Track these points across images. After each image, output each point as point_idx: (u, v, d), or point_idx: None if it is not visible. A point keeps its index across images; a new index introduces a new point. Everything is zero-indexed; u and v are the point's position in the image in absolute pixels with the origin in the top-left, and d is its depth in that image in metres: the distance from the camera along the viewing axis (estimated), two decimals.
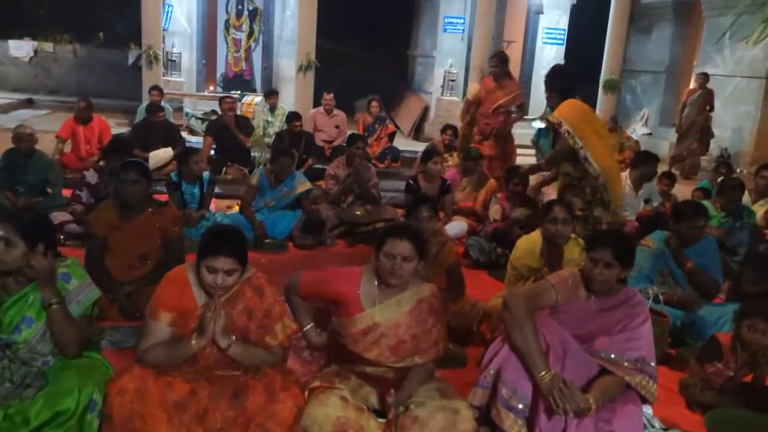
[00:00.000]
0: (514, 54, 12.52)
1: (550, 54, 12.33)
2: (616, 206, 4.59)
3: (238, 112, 9.83)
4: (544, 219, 3.79)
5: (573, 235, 3.89)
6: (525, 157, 8.30)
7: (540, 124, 9.82)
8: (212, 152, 7.73)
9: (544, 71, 11.80)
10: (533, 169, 5.27)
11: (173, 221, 3.89)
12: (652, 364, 2.71)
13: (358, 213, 6.00)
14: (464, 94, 11.93)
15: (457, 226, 5.83)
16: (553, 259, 3.76)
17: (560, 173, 4.59)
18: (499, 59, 6.98)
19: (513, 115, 6.96)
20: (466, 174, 6.32)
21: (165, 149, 7.46)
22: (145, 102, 8.72)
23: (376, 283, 2.74)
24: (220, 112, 7.92)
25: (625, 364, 2.68)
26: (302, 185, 5.76)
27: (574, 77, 4.66)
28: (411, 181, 6.06)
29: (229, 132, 7.61)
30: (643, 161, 5.97)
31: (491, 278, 5.04)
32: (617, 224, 4.59)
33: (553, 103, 4.61)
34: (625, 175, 6.06)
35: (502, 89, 6.93)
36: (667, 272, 4.06)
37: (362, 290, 2.73)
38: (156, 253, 3.85)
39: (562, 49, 12.30)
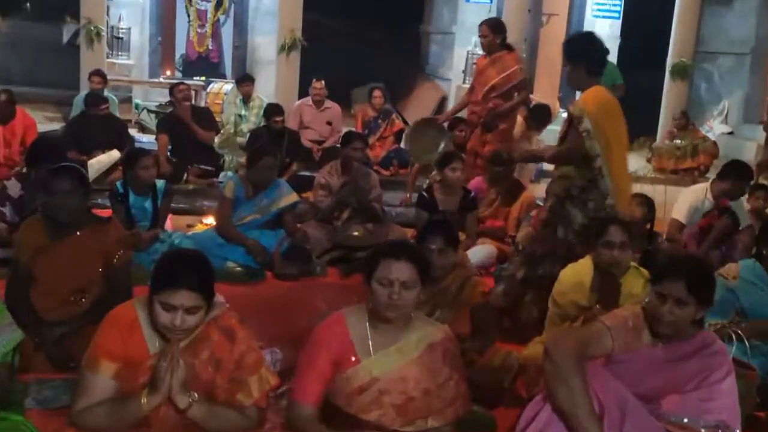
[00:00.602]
0: (557, 30, 12.59)
1: (602, 30, 12.33)
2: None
3: (203, 103, 9.90)
4: (597, 242, 3.79)
5: (633, 263, 3.89)
6: None
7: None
8: (168, 154, 7.79)
9: None
10: (530, 157, 5.24)
11: (118, 243, 3.89)
12: (737, 431, 2.70)
13: (355, 234, 6.02)
14: None
15: (482, 252, 5.86)
16: (609, 294, 3.76)
17: (559, 175, 4.57)
18: (489, 26, 6.81)
19: (512, 100, 6.73)
20: (494, 183, 6.34)
21: (109, 152, 7.51)
22: (84, 91, 8.79)
23: (367, 323, 2.75)
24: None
25: (702, 431, 2.67)
26: (287, 197, 5.79)
27: (605, 51, 4.52)
28: (424, 193, 6.09)
29: (187, 128, 7.69)
30: (734, 173, 5.91)
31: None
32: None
33: (576, 82, 4.52)
34: (704, 186, 6.05)
35: (495, 65, 6.79)
36: (740, 311, 3.99)
37: (353, 335, 2.75)
38: (95, 284, 3.84)
39: (618, 23, 12.39)
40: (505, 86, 6.73)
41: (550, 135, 7.57)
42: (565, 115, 7.79)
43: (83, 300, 3.82)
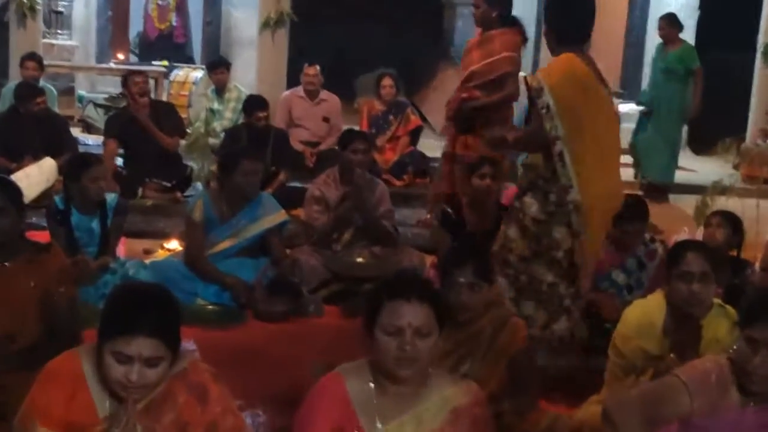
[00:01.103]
0: (615, 5, 12.62)
1: (674, 1, 12.43)
2: (593, 240, 4.63)
3: (165, 96, 9.93)
4: (670, 273, 3.79)
5: (717, 300, 3.88)
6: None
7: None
8: (119, 162, 7.82)
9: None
10: (496, 142, 5.34)
11: (59, 276, 3.91)
12: None
13: (359, 260, 6.03)
14: (535, 65, 12.02)
15: None
16: (686, 339, 3.75)
17: (524, 164, 4.71)
18: None
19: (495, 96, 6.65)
20: None
21: (45, 159, 7.55)
22: (15, 80, 8.84)
23: (372, 385, 2.75)
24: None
25: None
26: (272, 216, 5.82)
27: (589, 15, 4.68)
28: (448, 209, 6.10)
29: (144, 130, 7.69)
30: None
31: (583, 373, 4.84)
32: (588, 264, 4.63)
33: (551, 50, 4.67)
34: None
35: (482, 47, 6.74)
36: None
37: (354, 401, 2.75)
38: (30, 326, 3.85)
39: None
40: (487, 76, 6.64)
41: None
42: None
43: (12, 346, 3.81)
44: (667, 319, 3.83)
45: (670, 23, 9.70)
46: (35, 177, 7.42)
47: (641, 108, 9.99)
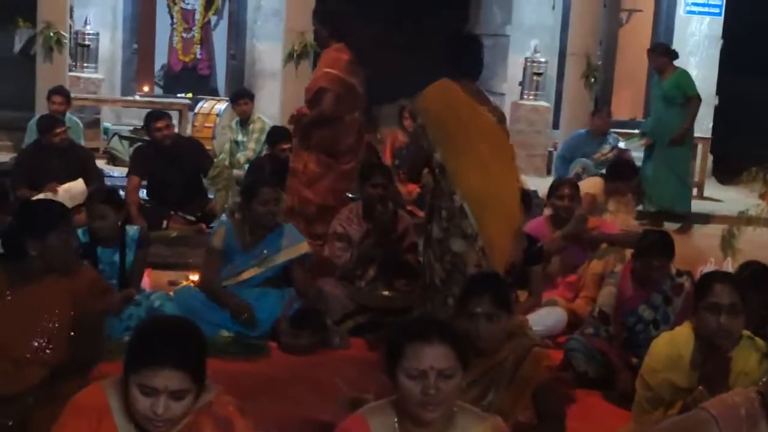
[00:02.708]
0: (640, 31, 12.63)
1: (698, 29, 12.44)
2: (490, 244, 4.73)
3: (189, 128, 9.97)
4: (698, 304, 3.76)
5: (746, 333, 3.85)
6: None
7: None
8: (143, 196, 7.83)
9: (691, 56, 11.74)
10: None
11: (92, 288, 4.00)
12: None
13: (385, 294, 6.02)
14: (559, 96, 12.03)
15: (550, 317, 5.86)
16: (715, 372, 3.72)
17: (425, 187, 5.00)
18: (314, 12, 7.07)
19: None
20: (559, 224, 6.40)
21: (76, 182, 7.59)
22: (41, 112, 8.89)
23: (396, 425, 2.71)
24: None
25: None
26: (295, 246, 5.80)
27: (473, 48, 5.17)
28: None
29: (167, 163, 7.69)
30: None
31: (610, 404, 4.96)
32: (491, 269, 4.71)
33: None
34: None
35: (318, 66, 6.99)
36: None
37: None
38: (61, 341, 3.88)
39: (719, 22, 12.39)
40: (309, 93, 6.89)
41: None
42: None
43: (44, 358, 3.84)
44: (695, 351, 3.81)
45: (661, 53, 9.69)
46: (76, 192, 7.46)
47: (640, 141, 9.93)
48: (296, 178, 6.83)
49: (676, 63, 9.62)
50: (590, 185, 7.37)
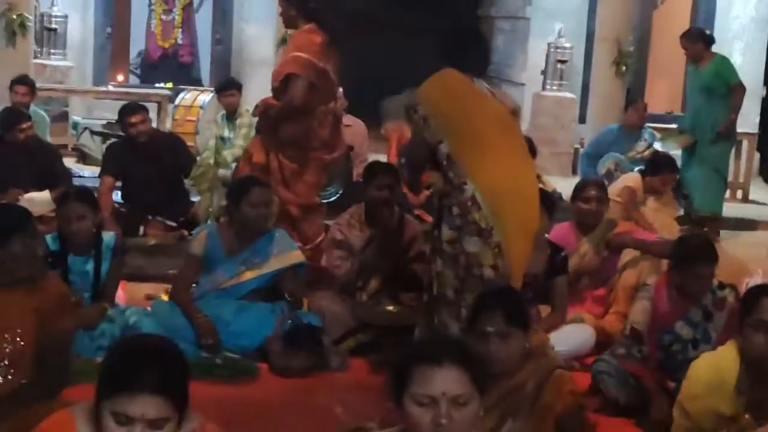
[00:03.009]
0: (676, 13, 12.63)
1: (742, 12, 12.44)
2: (506, 241, 4.75)
3: (169, 121, 9.95)
4: (744, 322, 3.77)
5: None
6: None
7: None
8: (118, 199, 7.83)
9: (735, 39, 11.73)
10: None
11: (59, 302, 3.97)
12: None
13: (390, 309, 6.03)
14: (586, 87, 12.03)
15: (575, 335, 5.84)
16: (763, 398, 3.74)
17: (433, 188, 5.04)
18: None
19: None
20: (586, 230, 6.39)
21: (40, 193, 7.56)
22: (2, 105, 8.87)
23: None
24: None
25: None
26: (286, 255, 5.82)
27: (474, 43, 5.21)
28: None
29: (144, 162, 7.69)
30: None
31: None
32: (505, 276, 4.75)
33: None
34: None
35: (285, 49, 7.08)
36: None
37: None
38: (26, 359, 3.87)
39: (766, 3, 12.39)
40: (275, 80, 6.76)
41: None
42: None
43: (9, 377, 3.85)
44: (741, 375, 3.81)
45: (694, 38, 9.47)
46: (36, 200, 7.39)
47: (677, 140, 9.72)
48: (272, 178, 6.70)
49: (713, 49, 9.46)
50: (629, 179, 7.36)
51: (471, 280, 4.70)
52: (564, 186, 9.01)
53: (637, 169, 8.47)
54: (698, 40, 9.42)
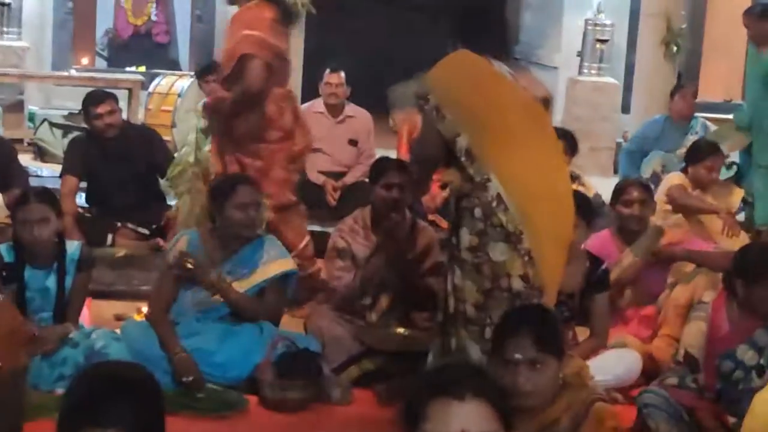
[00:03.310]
0: (738, 4, 12.56)
1: None
2: (538, 248, 4.78)
3: (142, 111, 9.98)
4: None
5: None
6: None
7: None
8: (82, 202, 7.87)
9: None
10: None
11: (9, 336, 4.06)
12: None
13: (399, 332, 6.09)
14: (630, 71, 11.99)
15: (619, 362, 5.89)
16: None
17: (449, 191, 5.13)
18: None
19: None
20: (628, 238, 6.44)
21: None
22: None
23: None
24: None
25: None
26: (276, 262, 5.91)
27: (490, 23, 5.32)
28: None
29: (112, 159, 7.72)
30: None
31: None
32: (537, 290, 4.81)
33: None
34: None
35: (229, 30, 7.04)
36: None
37: None
38: None
39: None
40: (227, 66, 6.81)
41: None
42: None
43: None
44: None
45: (758, 16, 9.13)
46: None
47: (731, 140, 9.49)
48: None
49: None
50: (672, 178, 7.42)
51: (496, 293, 4.75)
52: (604, 188, 8.96)
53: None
54: (763, 18, 9.12)
